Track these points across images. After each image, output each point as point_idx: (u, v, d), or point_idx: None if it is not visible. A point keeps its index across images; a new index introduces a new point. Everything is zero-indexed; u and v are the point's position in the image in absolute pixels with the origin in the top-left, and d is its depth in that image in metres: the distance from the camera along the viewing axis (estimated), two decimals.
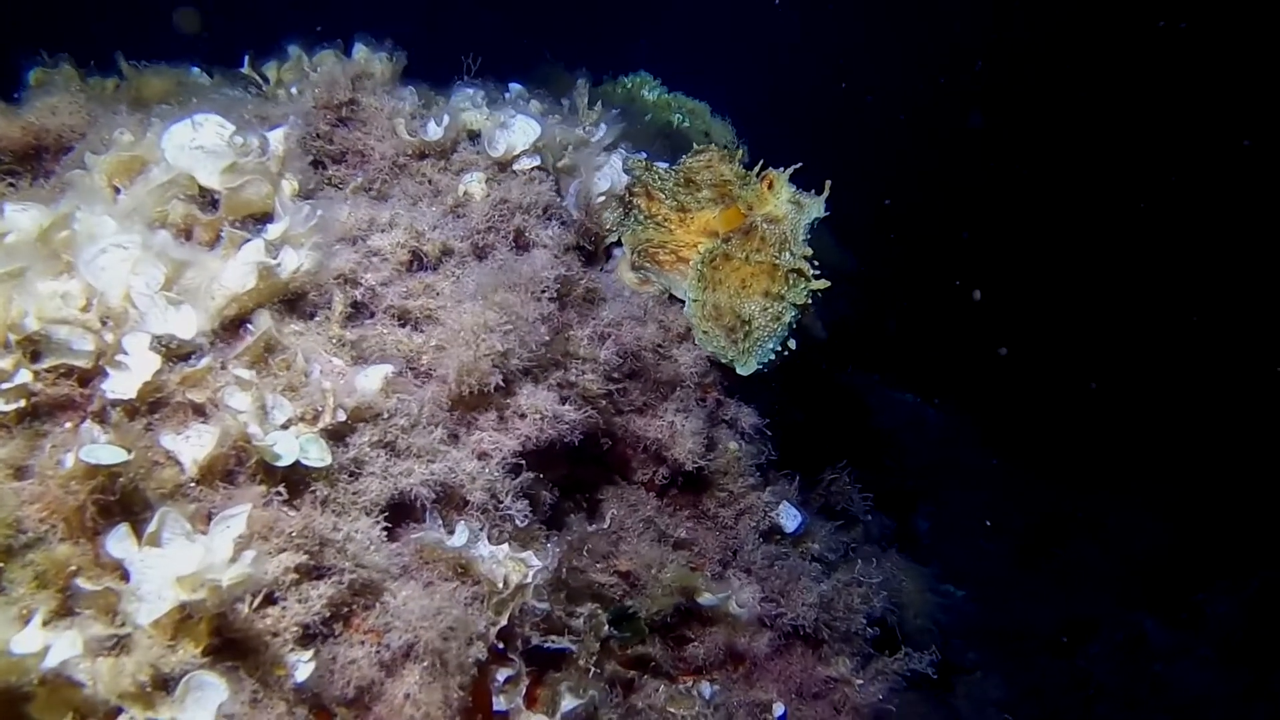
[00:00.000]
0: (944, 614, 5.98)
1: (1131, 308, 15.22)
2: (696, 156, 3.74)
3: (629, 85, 8.49)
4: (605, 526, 3.13)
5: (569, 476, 3.08)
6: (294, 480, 2.20)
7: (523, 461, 2.63)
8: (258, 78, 3.61)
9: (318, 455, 2.20)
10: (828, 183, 3.56)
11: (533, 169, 3.29)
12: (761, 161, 3.74)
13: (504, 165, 3.29)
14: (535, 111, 3.74)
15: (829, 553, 3.98)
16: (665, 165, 4.30)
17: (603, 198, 3.45)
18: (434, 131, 3.20)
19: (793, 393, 5.03)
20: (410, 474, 2.38)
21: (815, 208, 3.52)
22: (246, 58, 3.62)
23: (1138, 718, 9.18)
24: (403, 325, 2.72)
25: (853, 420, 7.30)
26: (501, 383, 2.64)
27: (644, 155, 4.24)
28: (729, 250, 3.44)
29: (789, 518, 3.88)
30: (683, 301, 3.58)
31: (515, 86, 4.25)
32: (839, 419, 6.34)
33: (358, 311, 2.69)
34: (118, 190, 2.59)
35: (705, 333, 3.44)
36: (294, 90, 3.33)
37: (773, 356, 3.49)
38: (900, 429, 12.38)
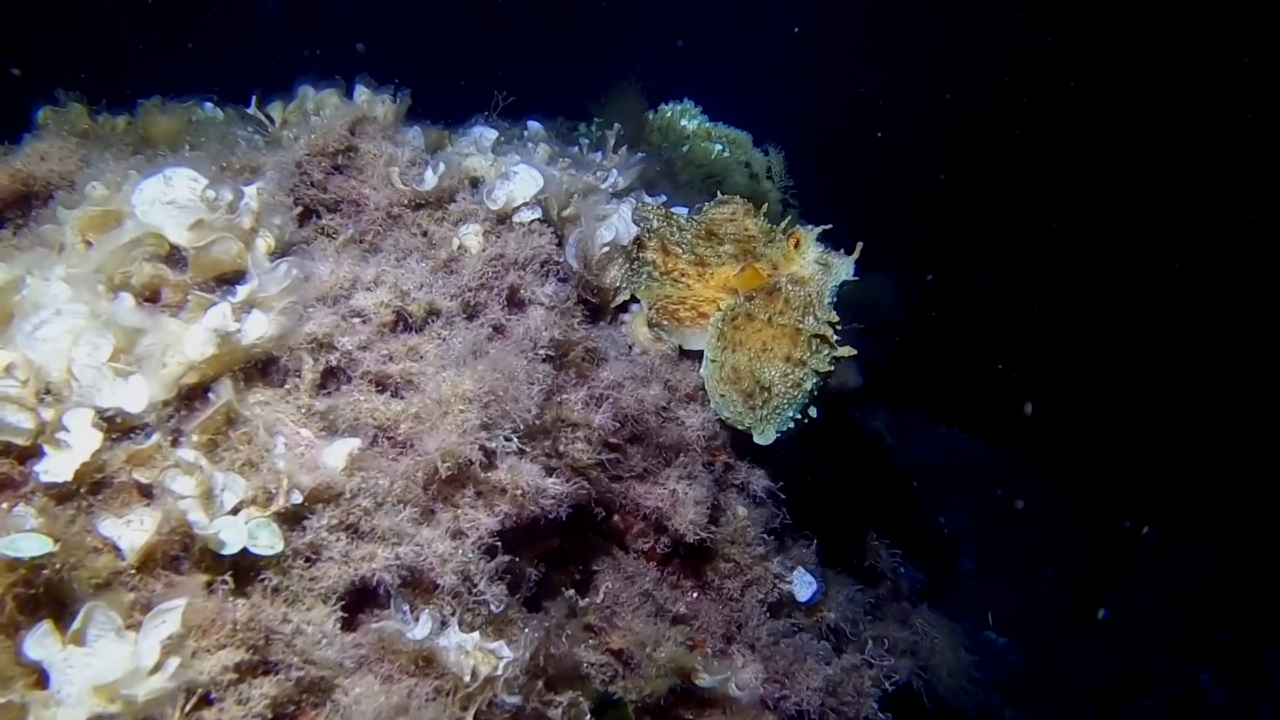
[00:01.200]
0: (981, 670, 5.67)
1: (1191, 340, 14.72)
2: (720, 208, 3.58)
3: (669, 115, 8.34)
4: (599, 601, 2.96)
5: (561, 549, 2.92)
6: (243, 567, 2.07)
7: (499, 543, 2.46)
8: (263, 118, 3.52)
9: (268, 542, 2.06)
10: (859, 245, 3.37)
11: (533, 221, 3.14)
12: (788, 218, 3.57)
13: (503, 218, 3.14)
14: (543, 156, 3.60)
15: (845, 622, 3.77)
16: (685, 211, 4.14)
17: (607, 248, 3.28)
18: (429, 181, 3.07)
19: (821, 442, 4.82)
20: (373, 558, 2.23)
21: (844, 270, 3.34)
22: (254, 97, 3.54)
23: None
24: (381, 391, 2.58)
25: (887, 466, 7.04)
26: (483, 457, 2.48)
27: (662, 199, 4.09)
28: (751, 310, 3.28)
29: (803, 585, 3.68)
30: (692, 357, 3.41)
31: (533, 125, 4.13)
32: (873, 466, 6.09)
33: (332, 377, 2.56)
34: (90, 245, 2.50)
35: (722, 396, 3.28)
36: (293, 134, 3.22)
37: (792, 425, 3.31)
38: (948, 468, 12.04)
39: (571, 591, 2.93)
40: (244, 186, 2.62)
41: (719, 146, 8.23)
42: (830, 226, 3.74)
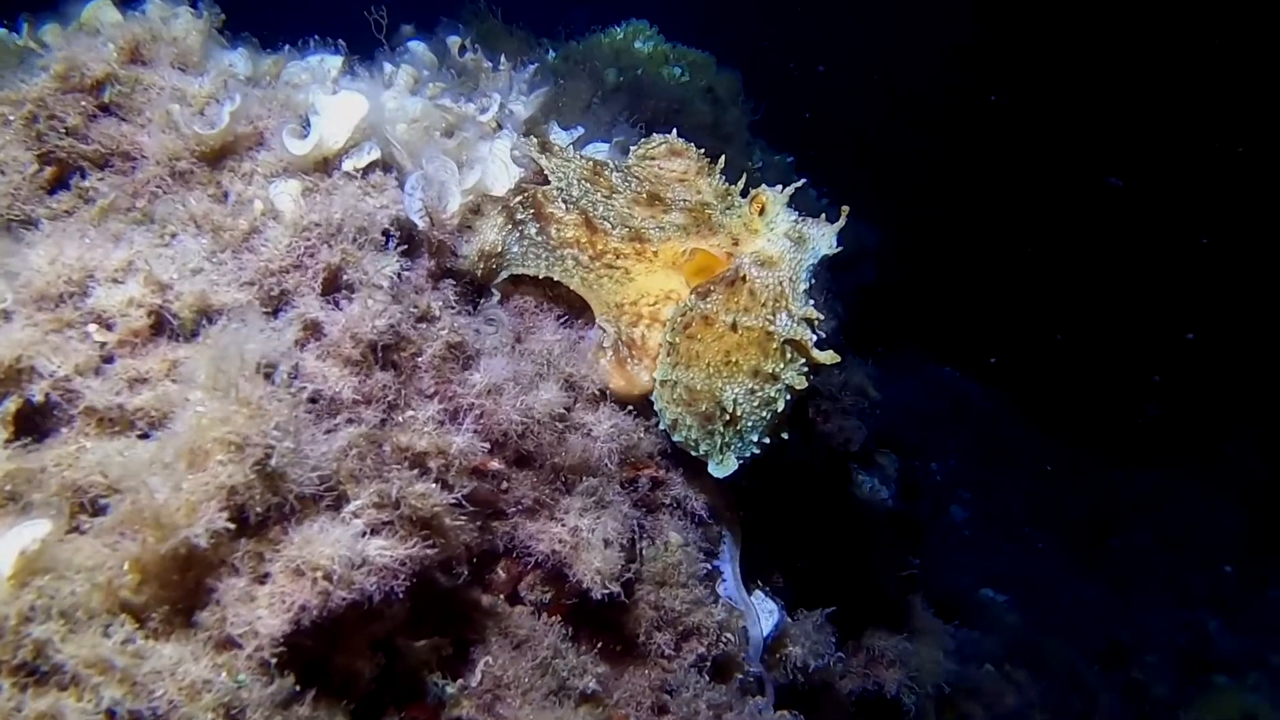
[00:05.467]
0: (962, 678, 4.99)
1: (1200, 271, 14.02)
2: (670, 161, 2.75)
3: (619, 36, 7.40)
4: (474, 684, 2.20)
5: (420, 616, 2.15)
6: None
7: (283, 649, 1.68)
8: (36, 47, 2.66)
9: None
10: (844, 209, 2.57)
11: (368, 166, 2.32)
12: (745, 177, 2.75)
13: (329, 163, 2.32)
14: (406, 83, 2.76)
15: (814, 657, 3.04)
16: (605, 147, 3.32)
17: (469, 198, 2.47)
18: (221, 120, 2.24)
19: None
20: (61, 714, 1.45)
21: (824, 242, 2.56)
22: (24, 24, 2.68)
23: None
24: (116, 435, 1.78)
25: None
26: (269, 514, 1.71)
27: (578, 132, 3.24)
28: (708, 311, 2.48)
29: (762, 616, 2.94)
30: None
31: (416, 47, 3.25)
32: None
33: (41, 418, 1.76)
34: None
35: (674, 421, 2.52)
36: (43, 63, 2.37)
37: (757, 451, 2.57)
38: (938, 411, 11.34)
39: (436, 676, 2.17)
40: None
41: (678, 70, 7.32)
42: (804, 182, 2.92)
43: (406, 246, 2.31)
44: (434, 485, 1.99)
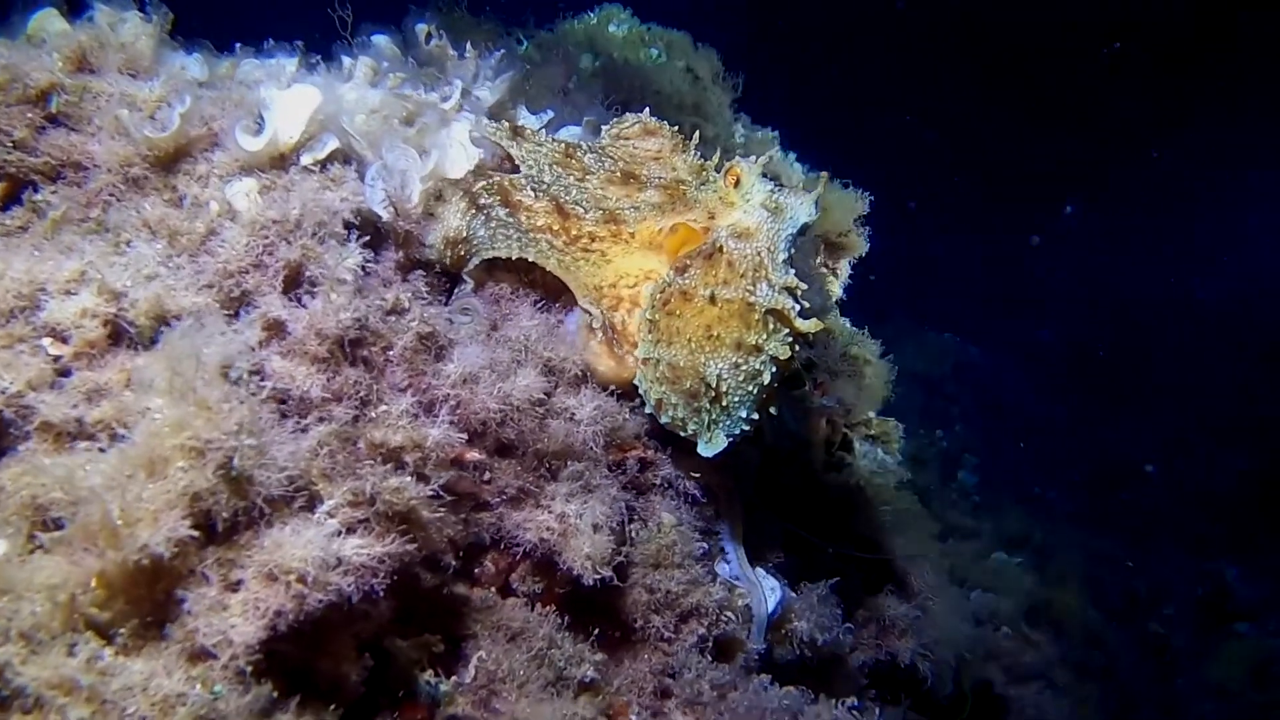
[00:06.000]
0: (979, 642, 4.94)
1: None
2: (645, 140, 2.71)
3: (593, 21, 7.29)
4: (468, 680, 2.16)
5: (406, 614, 2.11)
6: None
7: (259, 657, 1.64)
8: None
9: None
10: (823, 175, 2.55)
11: (326, 159, 2.27)
12: (719, 151, 2.71)
13: (286, 159, 2.26)
14: (365, 75, 2.70)
15: (820, 631, 2.99)
16: (578, 131, 3.26)
17: (429, 184, 2.42)
18: (172, 122, 2.18)
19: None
20: None
21: (802, 211, 2.51)
22: None
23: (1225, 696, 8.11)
24: (75, 449, 1.74)
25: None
26: (240, 518, 1.66)
27: (547, 115, 3.18)
28: (687, 287, 2.43)
29: (767, 593, 2.89)
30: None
31: (378, 40, 3.19)
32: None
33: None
34: None
35: (658, 400, 2.46)
36: None
37: (746, 428, 2.51)
38: (942, 376, 11.26)
39: (429, 675, 2.13)
40: None
41: (655, 51, 7.24)
42: (775, 153, 2.85)
43: (370, 239, 2.25)
44: (409, 479, 1.94)
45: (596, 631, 2.38)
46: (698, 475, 2.70)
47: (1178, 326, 13.35)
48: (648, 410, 2.51)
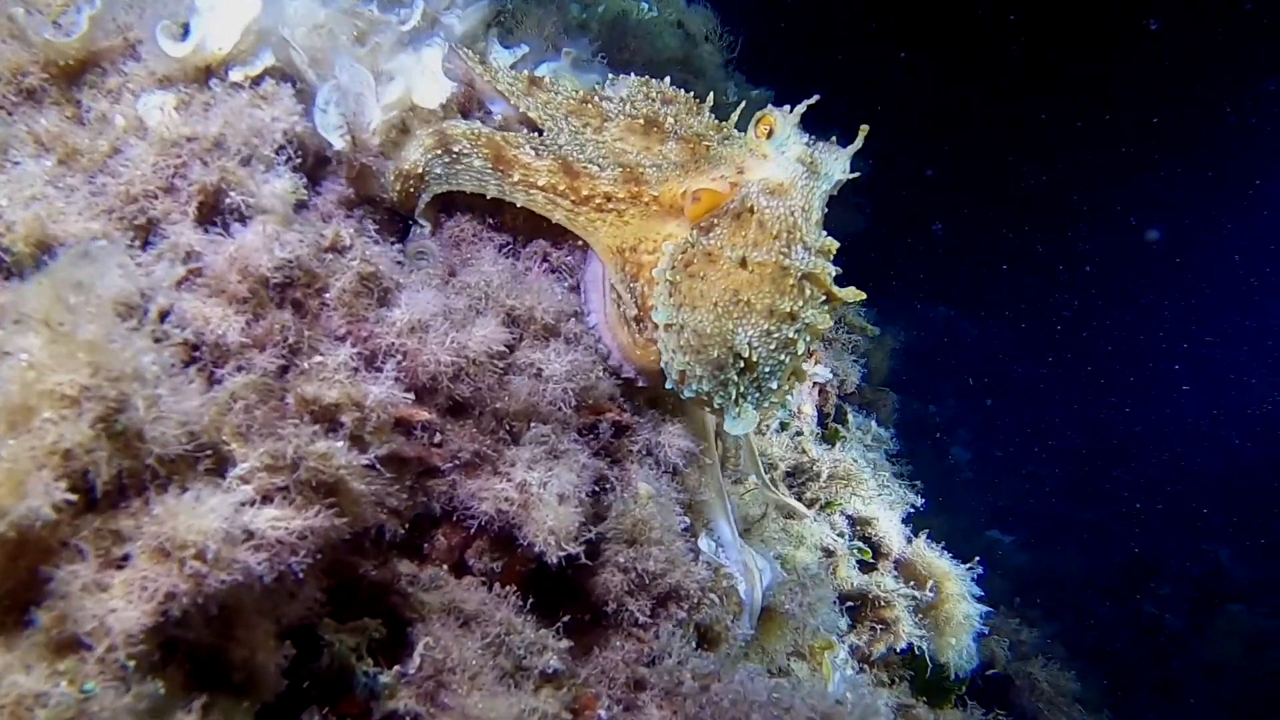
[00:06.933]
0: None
1: None
2: (663, 107, 2.52)
3: None
4: (412, 671, 1.89)
5: (345, 590, 1.84)
6: None
7: (145, 648, 1.36)
8: None
9: None
10: (863, 128, 2.26)
11: (260, 75, 1.97)
12: (742, 104, 2.45)
13: (212, 72, 1.97)
14: None
15: (811, 614, 2.74)
16: (558, 65, 3.00)
17: (392, 114, 2.12)
18: (79, 26, 1.88)
19: None
20: None
21: (838, 166, 2.27)
22: None
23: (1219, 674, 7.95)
24: None
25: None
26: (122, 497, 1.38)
27: (521, 50, 2.89)
28: (712, 247, 2.19)
29: (758, 571, 2.64)
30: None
31: None
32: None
33: None
34: None
35: (682, 372, 2.19)
36: None
37: (775, 400, 2.30)
38: (935, 349, 11.03)
39: (367, 665, 1.86)
40: None
41: (645, 5, 6.92)
42: (817, 98, 2.55)
43: (312, 168, 1.96)
44: (340, 444, 1.66)
45: (565, 616, 2.11)
46: (682, 442, 2.43)
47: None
48: (669, 385, 2.23)
